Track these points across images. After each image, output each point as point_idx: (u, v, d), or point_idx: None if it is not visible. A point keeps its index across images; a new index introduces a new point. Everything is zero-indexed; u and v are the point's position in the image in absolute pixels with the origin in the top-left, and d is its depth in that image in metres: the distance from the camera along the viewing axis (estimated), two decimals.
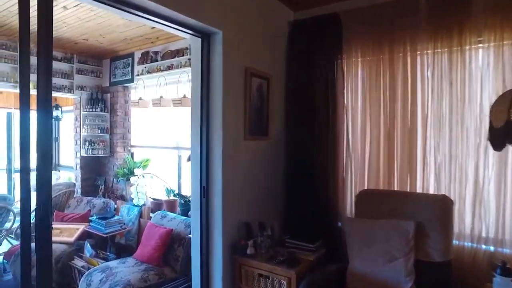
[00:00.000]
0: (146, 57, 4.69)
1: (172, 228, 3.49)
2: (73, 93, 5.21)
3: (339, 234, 2.88)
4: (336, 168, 3.00)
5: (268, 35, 3.02)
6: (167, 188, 4.30)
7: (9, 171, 6.48)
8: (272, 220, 2.82)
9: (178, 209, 4.12)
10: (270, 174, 3.06)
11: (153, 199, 4.41)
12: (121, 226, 4.00)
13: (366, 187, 2.85)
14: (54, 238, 4.25)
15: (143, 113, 5.18)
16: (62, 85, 5.12)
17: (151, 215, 4.16)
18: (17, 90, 4.78)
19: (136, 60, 4.90)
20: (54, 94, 5.19)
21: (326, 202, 2.98)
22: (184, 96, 4.02)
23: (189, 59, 4.09)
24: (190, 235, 3.02)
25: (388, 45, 2.73)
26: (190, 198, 3.97)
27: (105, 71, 5.51)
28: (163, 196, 4.33)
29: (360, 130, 2.91)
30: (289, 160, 3.20)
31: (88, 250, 3.84)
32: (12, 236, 4.62)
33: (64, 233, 4.19)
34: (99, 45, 4.78)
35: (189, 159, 3.64)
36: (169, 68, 4.37)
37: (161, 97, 4.28)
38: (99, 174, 5.50)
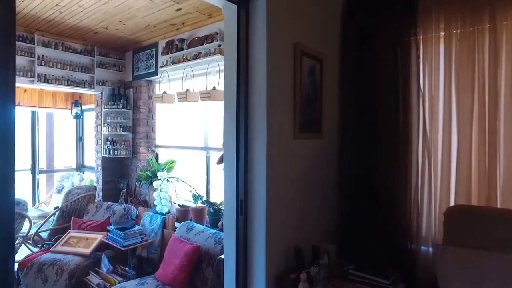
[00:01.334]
0: (171, 46, 4.18)
1: (200, 245, 2.93)
2: (94, 88, 4.80)
3: (413, 260, 2.21)
4: (408, 175, 2.33)
5: (320, 4, 2.38)
6: (194, 194, 3.76)
7: (34, 172, 6.23)
8: (327, 244, 2.18)
9: (207, 217, 3.58)
10: (323, 183, 2.42)
11: (179, 205, 3.89)
12: (142, 238, 3.50)
13: (452, 202, 2.15)
14: (69, 249, 3.86)
15: (168, 109, 4.69)
16: (82, 80, 4.72)
17: (176, 225, 3.64)
18: (32, 85, 4.46)
19: (160, 50, 4.41)
20: (74, 89, 4.79)
21: (394, 219, 2.31)
22: (214, 88, 3.45)
23: (219, 46, 3.53)
24: (222, 256, 2.44)
25: (489, 11, 2.02)
26: (220, 207, 3.41)
27: (128, 64, 5.07)
28: (189, 203, 3.80)
29: (442, 126, 2.22)
30: (346, 164, 2.55)
31: (105, 264, 3.37)
32: (30, 242, 4.26)
33: (80, 243, 3.75)
34: (120, 34, 4.33)
35: (219, 162, 3.06)
36: (196, 57, 3.82)
37: (187, 90, 3.74)
38: (121, 176, 5.07)
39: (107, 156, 4.87)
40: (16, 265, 3.88)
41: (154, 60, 4.56)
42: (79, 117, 5.52)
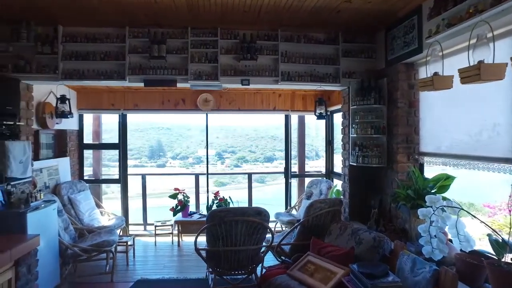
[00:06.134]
0: (444, 2, 2.70)
1: None
2: (339, 82, 4.00)
3: None
4: None
5: None
6: (495, 238, 2.13)
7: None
8: None
9: None
10: None
11: (464, 252, 2.36)
12: None
13: None
14: (305, 278, 2.92)
15: (439, 100, 3.18)
16: (326, 74, 4.03)
17: None
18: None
19: (425, 15, 3.01)
20: (317, 85, 4.16)
21: None
22: None
23: None
24: None
25: None
26: None
27: (379, 48, 3.95)
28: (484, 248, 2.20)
29: None
30: None
31: None
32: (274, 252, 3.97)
33: (318, 273, 2.97)
34: (368, 7, 3.27)
35: None
36: (497, 3, 2.18)
37: (480, 62, 2.16)
38: (372, 191, 4.00)
39: (355, 164, 3.94)
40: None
41: (415, 32, 3.21)
42: (323, 117, 4.94)
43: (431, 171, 3.41)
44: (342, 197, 4.38)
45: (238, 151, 16.37)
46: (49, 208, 3.53)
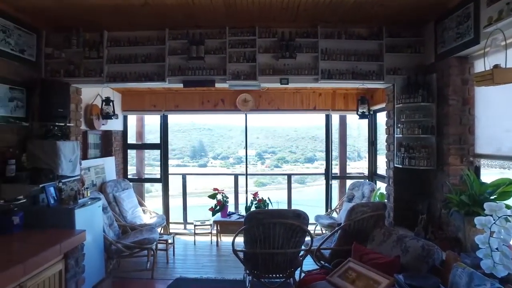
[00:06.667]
0: None
1: None
2: (383, 79, 3.78)
3: None
4: None
5: None
6: None
7: None
8: None
9: None
10: None
11: None
12: None
13: None
14: (345, 286, 2.98)
15: (499, 96, 2.87)
16: (369, 71, 3.83)
17: None
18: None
19: (483, 1, 2.73)
20: (359, 83, 3.97)
21: None
22: None
23: None
24: None
25: None
26: None
27: (428, 41, 3.67)
28: None
29: None
30: None
31: None
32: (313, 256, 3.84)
33: (359, 281, 2.80)
34: None
35: None
36: None
37: None
38: (420, 195, 3.72)
39: (400, 166, 3.69)
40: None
41: (471, 22, 2.92)
42: (365, 116, 4.69)
43: (486, 174, 3.10)
44: (386, 200, 4.14)
45: (278, 151, 16.30)
46: (95, 205, 3.69)
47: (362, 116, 4.61)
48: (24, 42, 3.62)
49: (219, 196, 5.70)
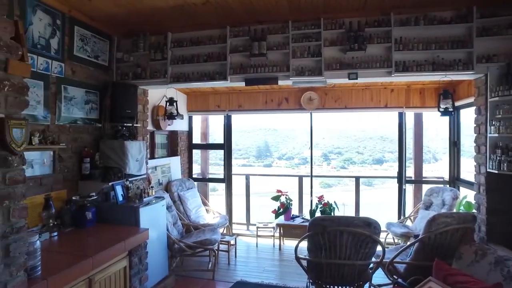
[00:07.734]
0: None
1: None
2: (472, 69, 3.22)
3: None
4: None
5: None
6: None
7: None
8: None
9: None
10: None
11: None
12: None
13: None
14: None
15: None
16: (454, 60, 3.29)
17: None
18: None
19: None
20: (441, 75, 3.43)
21: None
22: None
23: None
24: None
25: None
26: None
27: None
28: None
29: None
30: None
31: None
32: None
33: None
34: None
35: None
36: None
37: None
38: None
39: (495, 172, 3.11)
40: None
41: None
42: (449, 113, 4.06)
43: None
44: (475, 211, 3.54)
45: (345, 152, 15.68)
46: (159, 204, 3.77)
47: (445, 112, 4.00)
48: (99, 49, 3.85)
49: (283, 199, 5.52)
